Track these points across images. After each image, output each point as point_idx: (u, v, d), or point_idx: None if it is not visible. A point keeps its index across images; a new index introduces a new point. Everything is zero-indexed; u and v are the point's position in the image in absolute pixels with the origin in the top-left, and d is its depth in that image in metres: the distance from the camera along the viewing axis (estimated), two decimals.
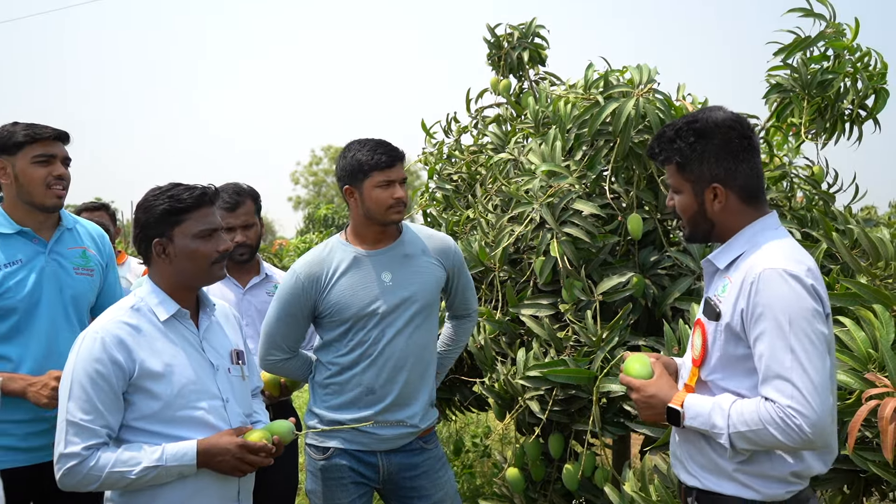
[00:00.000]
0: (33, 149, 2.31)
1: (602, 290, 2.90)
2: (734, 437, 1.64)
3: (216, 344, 2.05)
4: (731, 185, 1.76)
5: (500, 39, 4.17)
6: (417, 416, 2.45)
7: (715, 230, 1.81)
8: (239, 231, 2.83)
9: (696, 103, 3.29)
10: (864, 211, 9.64)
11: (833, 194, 3.44)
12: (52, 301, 2.34)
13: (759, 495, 1.69)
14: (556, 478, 3.01)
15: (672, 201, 1.86)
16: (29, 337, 2.30)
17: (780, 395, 1.58)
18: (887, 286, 2.52)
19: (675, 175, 1.81)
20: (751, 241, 1.76)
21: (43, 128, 2.34)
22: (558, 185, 2.99)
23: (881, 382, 2.03)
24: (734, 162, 1.76)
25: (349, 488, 2.41)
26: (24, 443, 2.27)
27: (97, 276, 2.51)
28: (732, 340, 1.70)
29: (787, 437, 1.57)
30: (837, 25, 3.33)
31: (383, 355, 2.38)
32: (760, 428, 1.59)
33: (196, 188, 1.97)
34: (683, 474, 1.84)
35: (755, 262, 1.68)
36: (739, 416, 1.63)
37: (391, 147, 2.42)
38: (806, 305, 1.61)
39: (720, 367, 1.74)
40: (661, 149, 1.82)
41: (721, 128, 1.76)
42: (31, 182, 2.31)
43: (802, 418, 1.56)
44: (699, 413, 1.70)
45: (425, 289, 2.45)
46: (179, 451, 1.84)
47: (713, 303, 1.76)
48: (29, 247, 2.35)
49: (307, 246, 14.44)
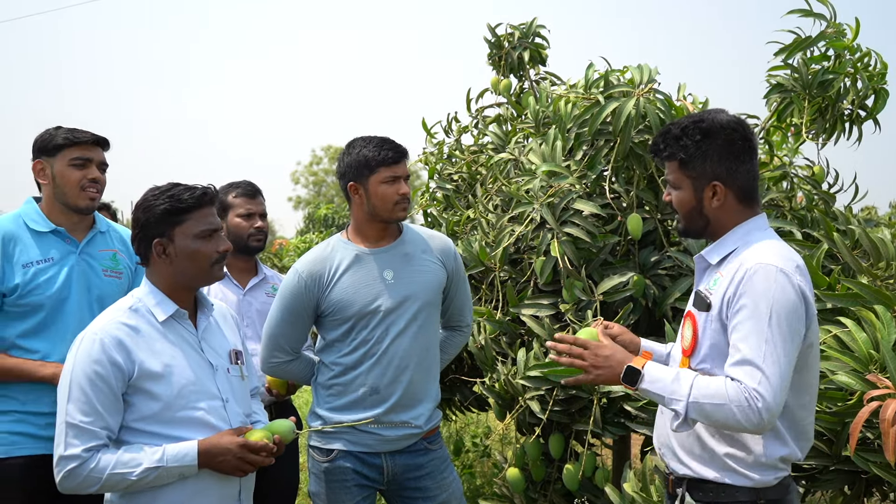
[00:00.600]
0: (71, 152, 2.41)
1: (602, 290, 2.90)
2: (692, 406, 1.70)
3: (215, 344, 2.04)
4: (731, 183, 1.83)
5: (500, 39, 4.17)
6: (423, 418, 2.44)
7: (710, 227, 1.88)
8: (258, 217, 2.92)
9: (696, 103, 3.29)
10: (864, 211, 9.64)
11: (833, 194, 3.44)
12: (79, 300, 2.40)
13: (750, 482, 1.76)
14: (556, 478, 3.01)
15: (669, 196, 1.92)
16: (55, 333, 2.35)
17: (748, 378, 1.66)
18: (888, 287, 2.52)
19: (676, 171, 1.87)
20: (742, 238, 1.83)
21: (82, 132, 2.45)
22: (559, 185, 2.99)
23: (882, 383, 2.03)
24: (735, 162, 1.82)
25: (353, 490, 2.39)
26: (45, 431, 2.29)
27: (125, 279, 2.56)
28: (721, 330, 1.77)
29: (745, 417, 1.65)
30: (838, 25, 3.33)
31: (387, 354, 2.37)
32: (723, 403, 1.66)
33: (196, 188, 1.97)
34: (674, 463, 1.89)
35: (747, 257, 1.76)
36: (703, 388, 1.70)
37: (396, 144, 2.43)
38: (789, 303, 1.69)
39: (710, 357, 1.80)
40: (665, 145, 1.87)
41: (725, 129, 1.83)
42: (67, 183, 2.40)
43: (764, 403, 1.64)
44: (659, 378, 1.76)
45: (427, 288, 2.44)
46: (180, 452, 1.83)
47: (703, 295, 1.83)
48: (61, 246, 2.42)
49: (307, 246, 14.45)
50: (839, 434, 2.26)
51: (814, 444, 2.31)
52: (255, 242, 2.91)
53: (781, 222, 3.03)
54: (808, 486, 2.52)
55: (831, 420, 2.25)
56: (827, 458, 2.31)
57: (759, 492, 1.77)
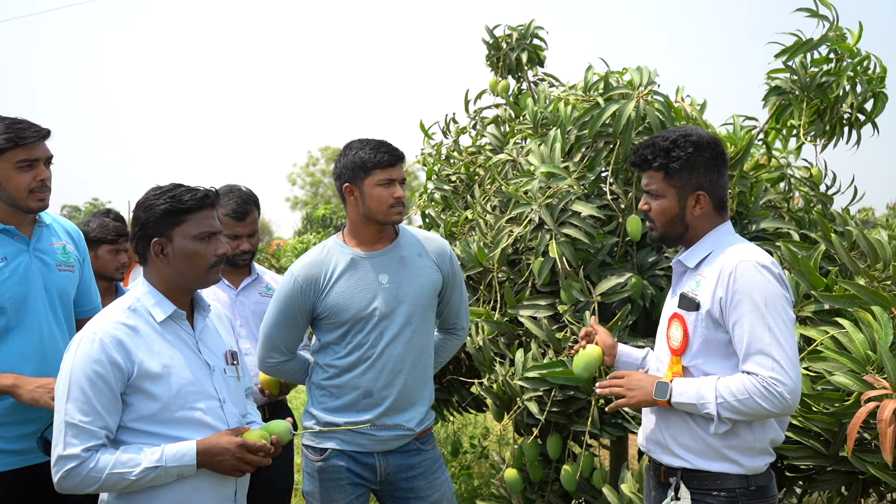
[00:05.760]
0: (16, 154, 2.23)
1: (600, 291, 2.90)
2: (721, 406, 1.84)
3: (211, 345, 2.04)
4: (712, 193, 2.01)
5: (498, 41, 4.17)
6: (415, 420, 2.44)
7: (687, 233, 2.03)
8: (245, 239, 2.88)
9: (694, 105, 3.30)
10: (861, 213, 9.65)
11: (831, 196, 3.45)
12: (40, 299, 2.31)
13: (743, 469, 1.91)
14: (554, 479, 3.01)
15: (647, 206, 2.06)
16: (20, 336, 2.26)
17: (761, 368, 1.82)
18: (885, 288, 2.52)
19: (660, 182, 2.02)
20: (716, 242, 2.00)
21: (25, 130, 2.25)
22: (557, 187, 2.99)
23: (880, 384, 2.03)
24: (717, 174, 2.01)
25: (346, 489, 2.41)
26: (13, 445, 2.24)
27: (77, 272, 2.47)
28: (712, 326, 1.92)
29: (771, 404, 1.80)
30: (839, 29, 3.34)
31: (382, 358, 2.38)
32: (747, 397, 1.81)
33: (198, 190, 1.96)
34: (667, 457, 2.00)
35: (728, 258, 1.92)
36: (726, 388, 1.85)
37: (393, 147, 2.43)
38: (778, 291, 1.87)
39: (702, 353, 1.95)
40: (654, 156, 2.01)
41: (711, 143, 2.01)
42: (15, 188, 2.25)
43: (783, 386, 1.79)
44: (686, 390, 1.91)
45: (422, 291, 2.44)
46: (179, 452, 1.83)
47: (690, 296, 1.97)
48: (12, 245, 2.30)
49: (304, 246, 14.44)
50: (836, 435, 2.26)
51: (811, 444, 2.33)
52: (240, 261, 2.89)
53: (779, 223, 3.04)
54: (805, 487, 2.52)
55: (829, 421, 2.25)
56: (824, 459, 2.31)
57: (750, 478, 1.92)
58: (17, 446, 2.25)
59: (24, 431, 2.26)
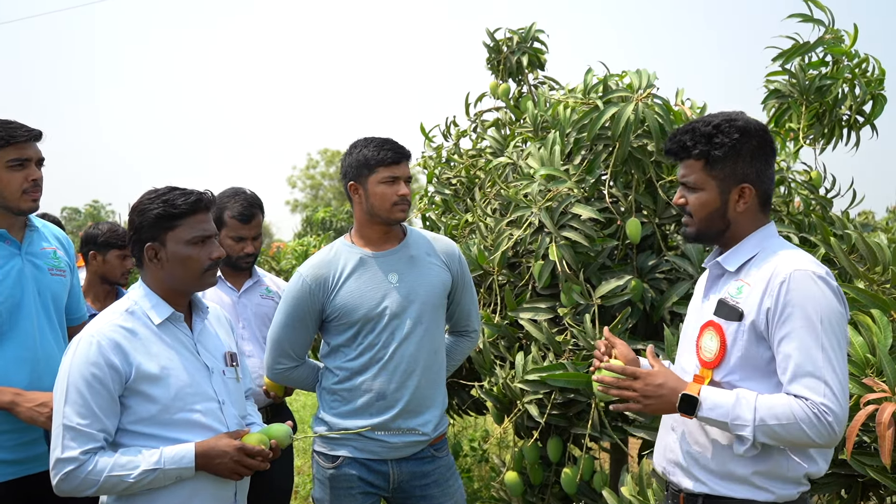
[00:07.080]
0: (7, 153, 2.21)
1: (600, 294, 2.90)
2: (759, 430, 1.61)
3: (210, 346, 2.04)
4: (759, 186, 1.76)
5: (499, 44, 4.18)
6: (430, 425, 2.40)
7: (728, 231, 1.79)
8: (249, 242, 2.88)
9: (694, 108, 3.30)
10: (861, 216, 9.66)
11: (831, 199, 3.45)
12: (33, 304, 2.28)
13: (773, 496, 1.69)
14: (554, 482, 3.01)
15: (683, 199, 1.81)
16: (13, 341, 2.23)
17: (812, 393, 1.58)
18: (885, 291, 2.53)
19: (699, 171, 1.77)
20: (761, 244, 1.76)
21: (17, 129, 2.23)
22: (557, 190, 2.99)
23: (879, 387, 2.03)
24: (764, 164, 1.76)
25: (358, 498, 2.37)
26: (12, 454, 2.21)
27: (68, 277, 2.45)
28: (755, 340, 1.68)
29: (817, 434, 1.58)
30: (836, 31, 3.35)
31: (394, 359, 2.35)
32: (791, 423, 1.58)
33: (192, 193, 1.94)
34: (688, 481, 1.78)
35: (779, 264, 1.68)
36: (769, 409, 1.61)
37: (397, 145, 2.42)
38: (836, 307, 1.63)
39: (739, 368, 1.71)
40: (695, 142, 1.76)
41: (759, 129, 1.76)
42: (7, 188, 2.22)
43: (833, 416, 1.57)
44: (718, 404, 1.65)
45: (433, 290, 2.42)
46: (178, 454, 1.83)
47: (731, 304, 1.72)
48: (3, 248, 2.26)
49: (304, 249, 14.43)
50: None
51: None
52: (243, 264, 2.90)
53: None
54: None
55: None
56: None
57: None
58: (15, 455, 2.22)
59: (23, 439, 2.23)
